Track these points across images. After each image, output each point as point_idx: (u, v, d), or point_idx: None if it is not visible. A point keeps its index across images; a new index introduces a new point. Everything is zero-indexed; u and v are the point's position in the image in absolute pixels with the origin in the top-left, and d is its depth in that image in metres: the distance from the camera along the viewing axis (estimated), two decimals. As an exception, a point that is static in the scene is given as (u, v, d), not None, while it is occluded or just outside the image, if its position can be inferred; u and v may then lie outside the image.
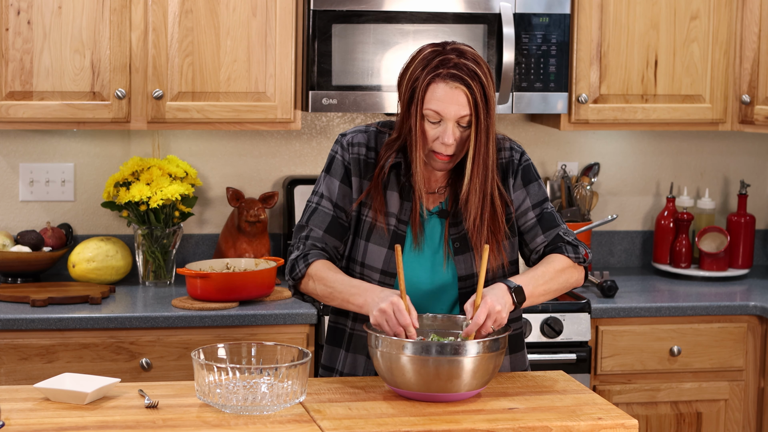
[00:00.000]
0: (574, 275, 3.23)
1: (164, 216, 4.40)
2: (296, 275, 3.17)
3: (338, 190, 3.20)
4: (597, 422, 2.84)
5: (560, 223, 3.27)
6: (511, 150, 3.25)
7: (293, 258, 3.18)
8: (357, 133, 3.23)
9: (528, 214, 3.25)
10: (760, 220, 5.08)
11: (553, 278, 3.18)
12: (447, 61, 3.04)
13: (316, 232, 3.19)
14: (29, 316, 3.98)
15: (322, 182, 3.22)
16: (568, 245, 3.24)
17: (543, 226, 3.25)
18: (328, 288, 3.12)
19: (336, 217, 3.19)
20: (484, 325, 3.01)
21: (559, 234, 3.25)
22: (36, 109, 4.18)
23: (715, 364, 4.39)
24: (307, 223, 3.20)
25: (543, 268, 3.19)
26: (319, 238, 3.18)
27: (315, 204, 3.21)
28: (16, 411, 2.82)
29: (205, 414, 2.83)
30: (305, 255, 3.17)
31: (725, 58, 4.57)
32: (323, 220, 3.19)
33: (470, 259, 3.19)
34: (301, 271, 3.16)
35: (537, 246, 3.25)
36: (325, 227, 3.19)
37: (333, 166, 3.22)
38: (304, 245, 3.19)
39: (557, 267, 3.20)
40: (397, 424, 2.79)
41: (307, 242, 3.19)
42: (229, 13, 4.26)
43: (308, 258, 3.16)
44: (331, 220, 3.19)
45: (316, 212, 3.20)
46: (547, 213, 3.26)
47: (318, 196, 3.22)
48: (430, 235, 3.20)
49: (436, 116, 3.06)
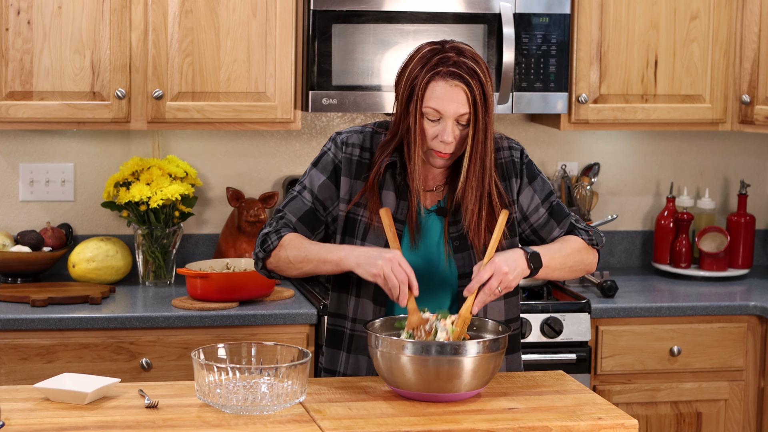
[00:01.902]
0: (588, 256, 3.26)
1: (164, 216, 4.40)
2: (267, 247, 3.16)
3: (321, 185, 3.20)
4: (597, 422, 2.84)
5: (569, 212, 3.30)
6: (510, 149, 3.25)
7: (265, 232, 3.19)
8: (353, 133, 3.23)
9: (539, 211, 3.26)
10: (760, 220, 5.08)
11: (570, 254, 3.20)
12: (446, 60, 3.05)
13: (290, 216, 3.20)
14: (29, 316, 3.98)
15: (307, 174, 3.24)
16: (581, 230, 3.28)
17: (556, 218, 3.27)
18: (302, 252, 3.12)
19: (314, 209, 3.20)
20: (488, 283, 3.01)
21: (572, 222, 3.29)
22: (36, 109, 4.18)
23: (715, 364, 4.39)
24: (283, 207, 3.23)
25: (560, 244, 3.21)
26: (292, 222, 3.20)
27: (296, 192, 3.23)
28: (16, 411, 2.82)
29: (205, 414, 2.83)
30: (278, 230, 3.18)
31: (725, 58, 4.57)
32: (299, 209, 3.20)
33: (470, 257, 3.19)
34: (273, 243, 3.16)
35: (554, 239, 3.27)
36: (300, 215, 3.20)
37: (322, 161, 3.23)
38: (277, 223, 3.20)
39: (574, 245, 3.22)
40: (397, 424, 2.79)
41: (280, 221, 3.20)
42: (229, 13, 4.26)
43: (281, 232, 3.17)
44: (307, 210, 3.20)
45: (294, 200, 3.22)
46: (556, 205, 3.29)
47: (301, 186, 3.23)
48: (429, 233, 3.20)
49: (436, 114, 3.06)
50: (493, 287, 3.02)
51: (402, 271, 2.99)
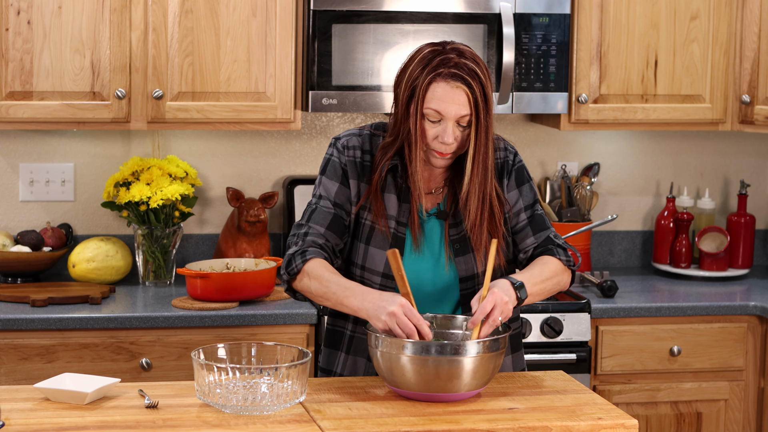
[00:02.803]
0: (564, 278, 3.25)
1: (164, 216, 4.40)
2: (292, 270, 3.13)
3: (337, 191, 3.19)
4: (597, 422, 2.84)
5: (549, 226, 3.29)
6: (506, 150, 3.26)
7: (290, 253, 3.15)
8: (351, 136, 3.23)
9: (520, 216, 3.25)
10: (760, 220, 5.08)
11: (548, 278, 3.19)
12: (447, 61, 3.04)
13: (317, 228, 3.16)
14: (29, 316, 3.98)
15: (320, 185, 3.21)
16: (559, 248, 3.26)
17: (534, 227, 3.26)
18: (323, 287, 3.08)
19: (337, 215, 3.18)
20: (491, 314, 3.00)
21: (549, 236, 3.27)
22: (36, 109, 4.19)
23: (715, 364, 4.39)
24: (307, 221, 3.18)
25: (539, 268, 3.20)
26: (320, 234, 3.16)
27: (314, 204, 3.19)
28: (16, 411, 2.82)
29: (205, 414, 2.83)
30: (303, 251, 3.14)
31: (725, 58, 4.57)
32: (324, 218, 3.17)
33: (471, 260, 3.19)
34: (297, 266, 3.12)
35: (527, 247, 3.26)
36: (327, 224, 3.17)
37: (329, 168, 3.21)
38: (303, 241, 3.16)
39: (551, 268, 3.21)
40: (397, 424, 2.79)
41: (306, 239, 3.16)
42: (229, 13, 4.26)
43: (306, 255, 3.13)
44: (333, 218, 3.17)
45: (315, 212, 3.18)
46: (538, 215, 3.27)
47: (316, 197, 3.20)
48: (430, 236, 3.20)
49: (437, 115, 3.06)
50: (496, 317, 3.01)
51: (407, 323, 2.95)
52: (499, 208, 3.17)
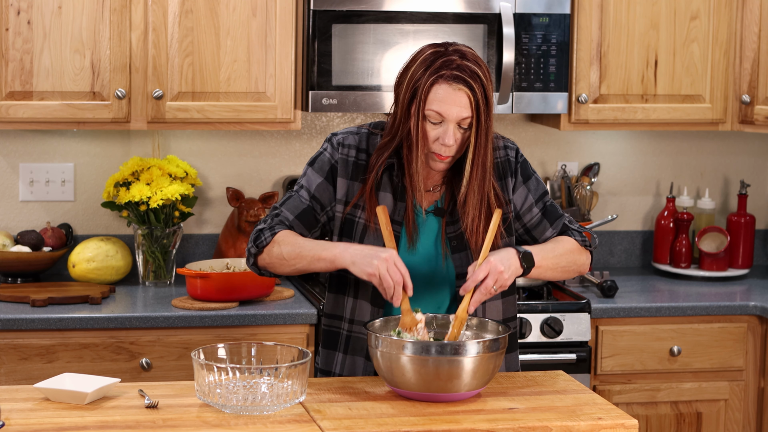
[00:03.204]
0: (581, 258, 3.26)
1: (164, 216, 4.40)
2: (261, 243, 3.15)
3: (318, 185, 3.20)
4: (597, 422, 2.84)
5: (562, 213, 3.31)
6: (506, 149, 3.26)
7: (259, 228, 3.19)
8: (348, 134, 3.23)
9: (533, 210, 3.26)
10: (760, 220, 5.08)
11: (563, 255, 3.20)
12: (450, 63, 3.04)
13: (287, 214, 3.19)
14: (29, 316, 3.98)
15: (304, 175, 3.23)
16: (574, 231, 3.28)
17: (549, 218, 3.27)
18: (296, 249, 3.10)
19: (311, 207, 3.19)
20: (483, 282, 3.01)
21: (565, 223, 3.29)
22: (36, 109, 4.19)
23: (715, 364, 4.39)
24: (280, 206, 3.22)
25: (552, 244, 3.22)
26: (289, 220, 3.19)
27: (294, 192, 3.22)
28: (16, 411, 2.82)
29: (205, 414, 2.83)
30: (272, 226, 3.17)
31: (725, 58, 4.57)
32: (297, 207, 3.20)
33: (467, 258, 3.19)
34: (266, 239, 3.15)
35: (547, 239, 3.27)
36: (297, 213, 3.19)
37: (318, 161, 3.22)
38: (272, 220, 3.20)
39: (566, 246, 3.23)
40: (397, 424, 2.79)
41: (275, 218, 3.20)
42: (229, 13, 4.26)
43: (275, 228, 3.16)
44: (305, 209, 3.19)
45: (291, 198, 3.22)
46: (550, 205, 3.29)
47: (298, 185, 3.23)
48: (426, 234, 3.20)
49: (438, 117, 3.06)
50: (489, 286, 3.02)
51: (397, 272, 2.99)
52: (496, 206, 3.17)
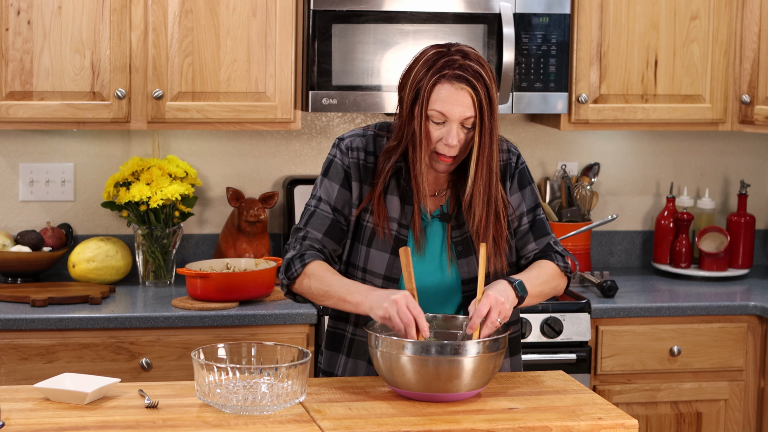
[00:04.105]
0: (560, 284, 3.27)
1: (164, 216, 4.40)
2: (292, 275, 3.13)
3: (337, 194, 3.18)
4: (597, 422, 2.84)
5: (550, 232, 3.29)
6: (509, 152, 3.25)
7: (289, 257, 3.15)
8: (355, 137, 3.21)
9: (522, 219, 3.25)
10: (760, 220, 5.08)
11: (547, 281, 3.20)
12: (452, 63, 3.04)
13: (314, 234, 3.16)
14: (29, 316, 3.98)
15: (320, 186, 3.20)
16: (558, 255, 3.27)
17: (535, 233, 3.26)
18: (324, 287, 3.08)
19: (335, 220, 3.17)
20: (488, 316, 3.00)
21: (550, 243, 3.28)
22: (36, 109, 4.19)
23: (715, 364, 4.39)
24: (305, 225, 3.17)
25: (537, 270, 3.20)
26: (318, 240, 3.16)
27: (313, 207, 3.18)
28: (16, 411, 2.82)
29: (205, 414, 2.83)
30: (302, 255, 3.14)
31: (725, 58, 4.57)
32: (322, 223, 3.17)
33: (473, 263, 3.19)
34: (297, 270, 3.12)
35: (528, 253, 3.26)
36: (324, 230, 3.16)
37: (331, 169, 3.20)
38: (301, 245, 3.16)
39: (549, 272, 3.22)
40: (397, 424, 2.79)
41: (304, 242, 3.16)
42: (229, 13, 4.26)
43: (305, 258, 3.13)
44: (331, 224, 3.17)
45: (314, 215, 3.17)
46: (539, 219, 3.27)
47: (316, 199, 3.19)
48: (432, 239, 3.19)
49: (441, 117, 3.05)
50: (494, 319, 3.01)
51: (407, 313, 2.95)
52: (503, 210, 3.17)
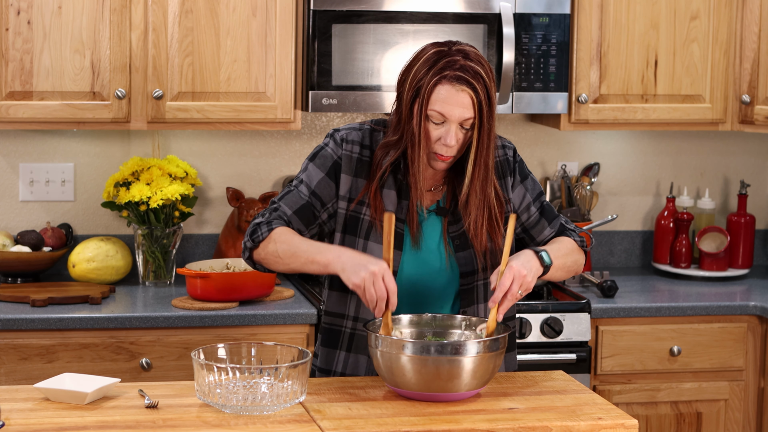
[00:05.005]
0: (580, 258, 3.28)
1: (164, 216, 4.40)
2: (257, 237, 3.12)
3: (320, 181, 3.18)
4: (597, 422, 2.84)
5: (559, 213, 3.33)
6: (504, 148, 3.26)
7: (256, 222, 3.15)
8: (351, 130, 3.21)
9: (530, 209, 3.27)
10: (760, 220, 5.08)
11: (568, 254, 3.23)
12: (453, 63, 3.03)
13: (285, 209, 3.16)
14: (29, 316, 3.98)
15: (304, 170, 3.20)
16: (572, 231, 3.31)
17: (547, 217, 3.29)
18: (290, 248, 3.07)
19: (310, 203, 3.17)
20: (510, 289, 3.01)
21: (562, 223, 3.31)
22: (36, 109, 4.19)
23: (715, 364, 4.39)
24: (278, 200, 3.19)
25: (558, 244, 3.23)
26: (287, 215, 3.16)
27: (293, 187, 3.19)
28: (16, 411, 2.82)
29: (205, 414, 2.83)
30: (269, 221, 3.14)
31: (725, 58, 4.57)
32: (295, 203, 3.17)
33: (471, 256, 3.19)
34: (263, 234, 3.11)
35: (545, 238, 3.29)
36: (296, 209, 3.16)
37: (319, 156, 3.19)
38: (270, 215, 3.16)
39: (569, 246, 3.25)
40: (397, 424, 2.79)
41: (273, 213, 3.17)
42: (229, 13, 4.26)
43: (272, 224, 3.13)
44: (304, 205, 3.16)
45: (290, 193, 3.18)
46: (546, 204, 3.31)
47: (297, 180, 3.20)
48: (429, 233, 3.20)
49: (440, 117, 3.05)
50: (515, 291, 3.02)
51: (382, 287, 2.95)
52: (498, 209, 3.17)
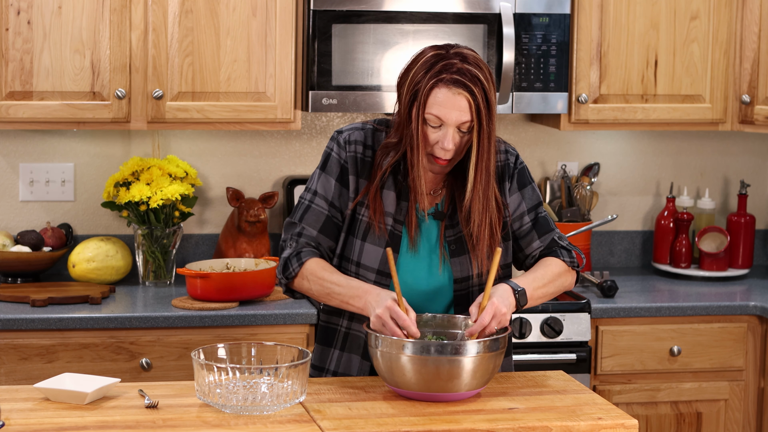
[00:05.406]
0: (568, 279, 3.26)
1: (164, 216, 4.40)
2: (289, 274, 3.14)
3: (334, 189, 3.17)
4: (597, 422, 2.84)
5: (554, 228, 3.28)
6: (506, 153, 3.25)
7: (285, 256, 3.15)
8: (354, 130, 3.21)
9: (524, 219, 3.24)
10: (760, 220, 5.08)
11: (551, 281, 3.19)
12: (450, 66, 3.02)
13: (310, 231, 3.16)
14: (29, 316, 3.98)
15: (317, 180, 3.19)
16: (563, 249, 3.26)
17: (538, 230, 3.25)
18: (325, 288, 3.10)
19: (330, 216, 3.17)
20: (488, 326, 3.01)
21: (554, 239, 3.26)
22: (36, 109, 4.19)
23: (715, 364, 4.39)
24: (300, 221, 3.17)
25: (542, 271, 3.19)
26: (313, 237, 3.15)
27: (308, 202, 3.18)
28: (16, 411, 2.82)
29: (205, 414, 2.83)
30: (298, 253, 3.14)
31: (725, 58, 4.57)
32: (317, 219, 3.16)
33: (466, 262, 3.19)
34: (294, 270, 3.13)
35: (533, 251, 3.26)
36: (320, 227, 3.16)
37: (329, 163, 3.19)
38: (297, 243, 3.15)
39: (554, 271, 3.21)
40: (397, 424, 2.79)
41: (299, 239, 3.15)
42: (229, 13, 4.26)
43: (301, 257, 3.13)
44: (326, 220, 3.16)
45: (309, 210, 3.17)
46: (542, 217, 3.26)
47: (311, 193, 3.19)
48: (426, 236, 3.19)
49: (438, 121, 3.05)
50: (492, 328, 3.03)
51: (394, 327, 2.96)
52: (497, 214, 3.17)
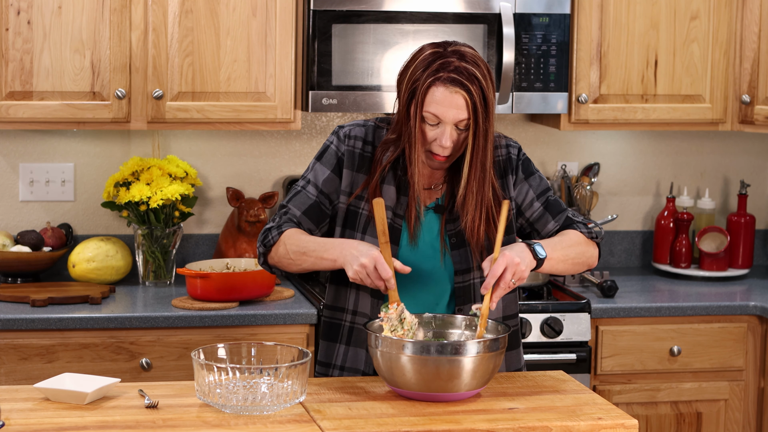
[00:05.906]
0: (589, 250, 3.26)
1: (164, 216, 4.40)
2: (268, 242, 3.18)
3: (326, 178, 3.21)
4: (597, 422, 2.84)
5: (566, 207, 3.30)
6: (508, 147, 3.26)
7: (267, 227, 3.21)
8: (355, 126, 3.25)
9: (534, 205, 3.26)
10: (760, 220, 5.08)
11: (571, 246, 3.20)
12: (447, 64, 3.04)
13: (294, 211, 3.21)
14: (29, 316, 3.98)
15: (311, 169, 3.24)
16: (579, 224, 3.28)
17: (551, 212, 3.28)
18: (300, 248, 3.12)
19: (318, 202, 3.21)
20: (502, 277, 3.01)
21: (568, 216, 3.29)
22: (36, 109, 4.19)
23: (715, 364, 4.39)
24: (287, 203, 3.24)
25: (559, 237, 3.22)
26: (296, 216, 3.21)
27: (300, 188, 3.24)
28: (16, 411, 2.82)
29: (205, 414, 2.83)
30: (279, 225, 3.19)
31: (725, 58, 4.57)
32: (304, 203, 3.21)
33: (466, 254, 3.20)
34: (273, 238, 3.17)
35: (550, 232, 3.28)
36: (304, 209, 3.21)
37: (326, 154, 3.24)
38: (280, 219, 3.22)
39: (573, 238, 3.23)
40: (397, 424, 2.79)
41: (283, 217, 3.22)
42: (229, 13, 4.26)
43: (282, 227, 3.18)
44: (312, 204, 3.21)
45: (298, 194, 3.23)
46: (553, 200, 3.29)
47: (305, 180, 3.24)
48: (427, 230, 3.21)
49: (435, 119, 3.06)
50: (508, 280, 3.02)
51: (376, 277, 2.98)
52: (495, 209, 3.17)
